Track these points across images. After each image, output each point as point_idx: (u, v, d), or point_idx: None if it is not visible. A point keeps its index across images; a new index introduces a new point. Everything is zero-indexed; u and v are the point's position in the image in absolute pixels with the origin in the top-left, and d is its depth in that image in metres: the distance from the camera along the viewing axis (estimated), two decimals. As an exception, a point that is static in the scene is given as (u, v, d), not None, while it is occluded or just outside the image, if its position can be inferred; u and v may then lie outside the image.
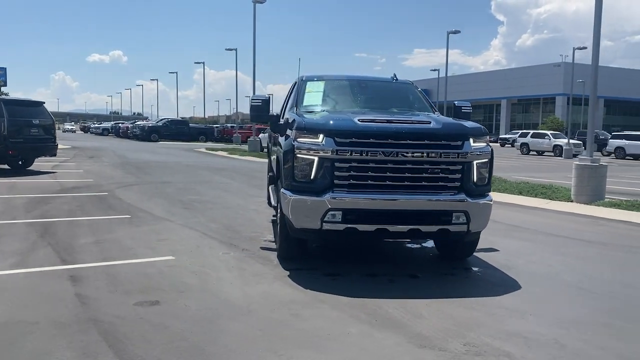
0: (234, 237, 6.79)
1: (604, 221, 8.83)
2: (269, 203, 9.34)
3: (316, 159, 4.93)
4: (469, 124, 5.35)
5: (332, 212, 4.90)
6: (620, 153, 33.41)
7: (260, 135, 31.67)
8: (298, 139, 5.05)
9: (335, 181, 4.92)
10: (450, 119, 5.23)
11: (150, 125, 46.77)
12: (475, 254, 5.92)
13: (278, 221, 5.83)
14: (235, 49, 46.77)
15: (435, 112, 6.67)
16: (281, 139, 5.73)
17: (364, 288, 4.78)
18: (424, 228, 5.03)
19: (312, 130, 5.02)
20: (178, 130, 45.95)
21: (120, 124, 58.73)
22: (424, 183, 5.00)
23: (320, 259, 5.87)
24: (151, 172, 15.54)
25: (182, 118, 62.19)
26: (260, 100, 6.61)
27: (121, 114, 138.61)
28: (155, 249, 6.01)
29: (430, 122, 5.21)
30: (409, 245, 6.61)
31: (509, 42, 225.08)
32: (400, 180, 4.96)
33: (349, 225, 4.94)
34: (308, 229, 5.08)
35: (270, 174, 8.78)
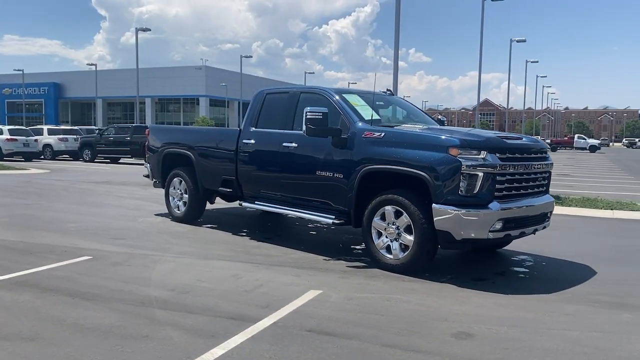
0: (288, 263, 6.21)
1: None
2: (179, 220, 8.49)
3: (481, 174, 5.35)
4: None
5: (497, 222, 5.43)
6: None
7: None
8: (461, 156, 5.35)
9: (496, 193, 5.47)
10: (533, 137, 6.40)
11: None
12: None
13: (406, 237, 5.74)
14: None
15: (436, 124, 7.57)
16: (396, 152, 5.79)
17: (522, 286, 5.48)
18: (539, 227, 6.07)
19: (475, 147, 5.42)
20: None
21: None
22: (536, 190, 6.02)
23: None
24: None
25: None
26: (320, 113, 6.28)
27: None
28: (285, 288, 5.23)
29: (522, 138, 6.23)
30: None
31: (113, 38, 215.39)
32: (527, 188, 5.86)
33: (507, 232, 5.58)
34: (471, 239, 5.46)
35: (230, 190, 8.02)
